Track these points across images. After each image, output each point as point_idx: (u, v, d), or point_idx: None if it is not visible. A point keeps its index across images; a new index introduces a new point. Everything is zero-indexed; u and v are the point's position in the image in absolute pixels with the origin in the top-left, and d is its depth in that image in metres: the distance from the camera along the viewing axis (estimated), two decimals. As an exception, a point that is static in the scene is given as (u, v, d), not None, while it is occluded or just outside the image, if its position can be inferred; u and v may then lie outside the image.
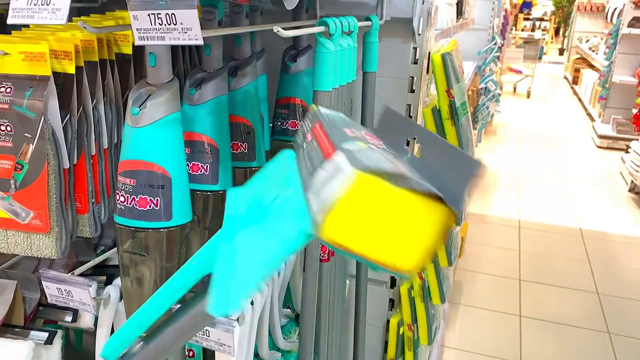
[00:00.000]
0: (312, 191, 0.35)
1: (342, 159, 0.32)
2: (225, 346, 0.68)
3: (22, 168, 0.68)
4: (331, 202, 0.31)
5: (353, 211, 0.31)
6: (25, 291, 0.85)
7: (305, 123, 0.49)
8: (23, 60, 0.67)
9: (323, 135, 0.40)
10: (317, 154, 0.38)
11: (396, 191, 0.31)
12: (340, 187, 0.30)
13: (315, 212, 0.32)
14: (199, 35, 0.56)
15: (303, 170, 0.40)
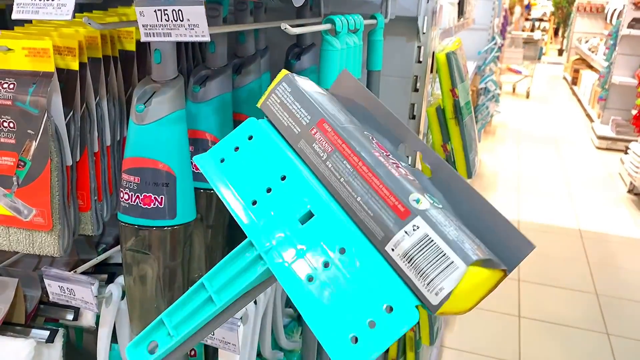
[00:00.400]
0: (403, 257, 0.41)
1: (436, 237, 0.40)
2: (230, 345, 0.67)
3: (24, 165, 0.67)
4: (449, 292, 0.39)
5: (462, 294, 0.40)
6: (26, 289, 0.85)
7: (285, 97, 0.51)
8: (26, 56, 0.66)
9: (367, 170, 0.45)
10: (376, 200, 0.43)
11: (488, 273, 0.41)
12: (456, 276, 0.39)
13: (425, 289, 0.40)
14: (205, 32, 0.56)
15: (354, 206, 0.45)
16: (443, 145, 1.19)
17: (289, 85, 0.53)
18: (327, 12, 1.00)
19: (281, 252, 0.45)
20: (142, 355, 0.46)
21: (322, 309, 0.41)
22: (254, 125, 0.53)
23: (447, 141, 1.18)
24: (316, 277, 0.42)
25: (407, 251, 0.41)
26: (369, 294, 0.41)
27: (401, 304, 0.40)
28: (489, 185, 4.13)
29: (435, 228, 0.41)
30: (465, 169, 1.22)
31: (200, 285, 0.47)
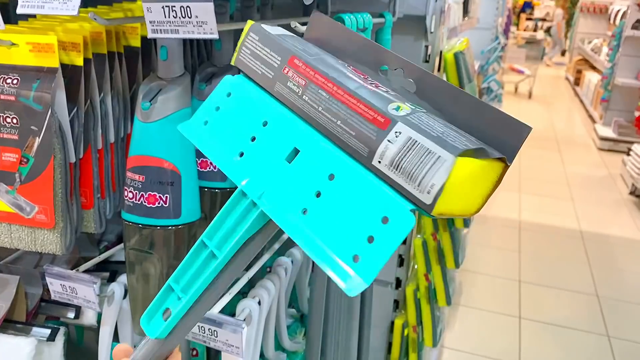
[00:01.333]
0: (390, 166, 0.40)
1: (419, 137, 0.39)
2: (233, 347, 0.66)
3: (27, 161, 0.66)
4: (440, 187, 0.37)
5: (458, 189, 0.38)
6: (27, 286, 0.84)
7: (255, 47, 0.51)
8: (30, 51, 0.65)
9: (342, 92, 0.44)
10: (356, 118, 0.42)
11: (483, 163, 0.39)
12: (445, 171, 0.37)
13: (416, 191, 0.38)
14: (214, 29, 0.55)
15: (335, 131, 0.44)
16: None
17: (257, 33, 0.52)
18: (335, 10, 0.99)
19: (272, 193, 0.45)
20: (158, 324, 0.46)
21: (320, 237, 0.41)
22: (231, 81, 0.52)
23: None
24: (310, 208, 0.42)
25: (392, 159, 0.40)
26: (362, 211, 0.40)
27: (395, 212, 0.38)
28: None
29: (418, 129, 0.39)
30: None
31: (201, 243, 0.47)
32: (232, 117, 0.50)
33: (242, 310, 0.73)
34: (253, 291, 0.77)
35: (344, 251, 0.39)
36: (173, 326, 0.46)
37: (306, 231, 0.42)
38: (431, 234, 1.32)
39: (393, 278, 1.28)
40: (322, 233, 0.41)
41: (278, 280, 0.81)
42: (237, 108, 0.50)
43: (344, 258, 0.39)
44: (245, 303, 0.74)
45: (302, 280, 0.96)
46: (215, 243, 0.46)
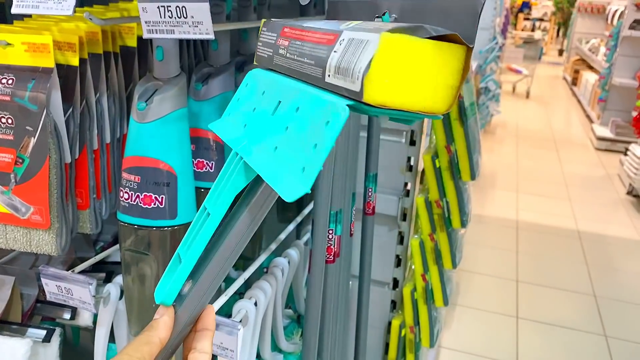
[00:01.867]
0: (334, 73, 0.39)
1: (357, 34, 0.37)
2: (228, 350, 0.66)
3: (22, 162, 0.66)
4: (367, 66, 0.34)
5: (388, 69, 0.35)
6: (23, 287, 0.83)
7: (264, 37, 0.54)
8: (26, 51, 0.65)
9: (310, 33, 0.45)
10: (315, 47, 0.43)
11: (420, 42, 0.35)
12: (371, 51, 0.34)
13: (350, 84, 0.36)
14: (210, 29, 0.55)
15: (303, 69, 0.45)
16: (447, 146, 1.18)
17: (266, 26, 0.55)
18: (332, 10, 0.98)
19: (254, 143, 0.46)
20: (163, 290, 0.46)
21: (283, 164, 0.41)
22: (250, 75, 0.55)
23: (450, 142, 1.17)
24: (279, 144, 0.43)
25: (336, 65, 0.39)
26: (313, 125, 0.39)
27: (333, 112, 0.38)
28: (488, 185, 4.12)
29: (359, 29, 0.38)
30: (469, 170, 1.21)
31: (202, 209, 0.48)
32: (245, 101, 0.53)
33: (238, 311, 0.73)
34: (249, 292, 0.77)
35: (296, 167, 0.39)
36: (177, 290, 0.46)
37: (273, 163, 0.42)
38: (428, 234, 1.32)
39: (390, 278, 1.28)
40: (286, 161, 0.41)
41: (274, 280, 0.81)
42: (249, 93, 0.53)
43: (295, 173, 0.39)
44: (242, 304, 0.73)
45: (298, 280, 0.96)
46: (211, 204, 0.47)
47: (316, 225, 0.83)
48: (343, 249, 0.92)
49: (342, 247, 0.91)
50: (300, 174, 0.38)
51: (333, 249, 0.88)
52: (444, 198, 1.34)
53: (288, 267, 0.87)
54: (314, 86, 0.44)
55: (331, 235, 0.87)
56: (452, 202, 1.36)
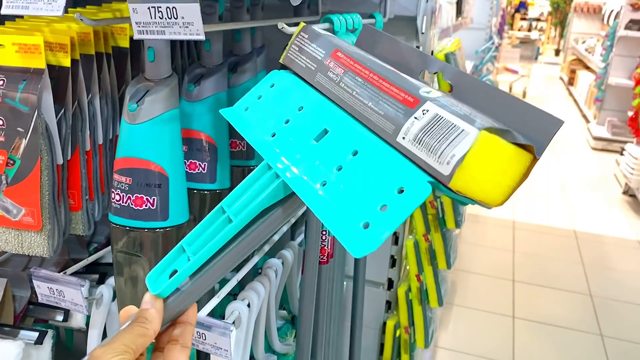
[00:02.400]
0: (413, 140, 0.40)
1: (446, 114, 0.39)
2: (222, 350, 0.66)
3: (14, 163, 0.66)
4: (460, 157, 0.37)
5: (479, 165, 0.37)
6: (15, 289, 0.83)
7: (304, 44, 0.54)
8: (17, 52, 0.64)
9: (380, 79, 0.46)
10: (388, 100, 0.44)
11: (509, 147, 0.38)
12: (467, 143, 0.37)
13: (436, 163, 0.38)
14: (200, 30, 0.54)
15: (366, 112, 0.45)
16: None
17: (306, 32, 0.55)
18: (325, 10, 0.98)
19: (296, 167, 0.46)
20: (162, 282, 0.46)
21: (335, 205, 0.42)
22: (277, 75, 0.56)
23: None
24: (329, 181, 0.43)
25: (416, 134, 0.40)
26: (379, 182, 0.41)
27: (412, 183, 0.39)
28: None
29: (446, 108, 0.40)
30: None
31: (219, 209, 0.48)
32: (271, 104, 0.53)
33: (231, 313, 0.73)
34: (243, 293, 0.77)
35: (355, 218, 0.40)
36: (176, 286, 0.46)
37: (322, 201, 0.43)
38: (423, 234, 1.32)
39: (385, 279, 1.28)
40: (337, 202, 0.42)
41: (268, 282, 0.81)
42: (277, 97, 0.53)
43: (354, 224, 0.40)
44: (235, 305, 0.73)
45: (292, 281, 0.96)
46: (233, 210, 0.47)
47: (310, 226, 0.83)
48: (337, 249, 0.92)
49: (335, 248, 0.91)
50: (360, 229, 0.39)
51: (327, 250, 0.88)
52: (438, 198, 1.34)
53: (282, 268, 0.87)
54: (376, 135, 0.44)
55: (325, 236, 0.87)
56: (446, 202, 1.36)
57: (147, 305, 0.45)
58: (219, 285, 0.92)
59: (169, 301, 0.46)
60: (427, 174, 0.39)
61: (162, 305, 0.45)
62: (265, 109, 0.53)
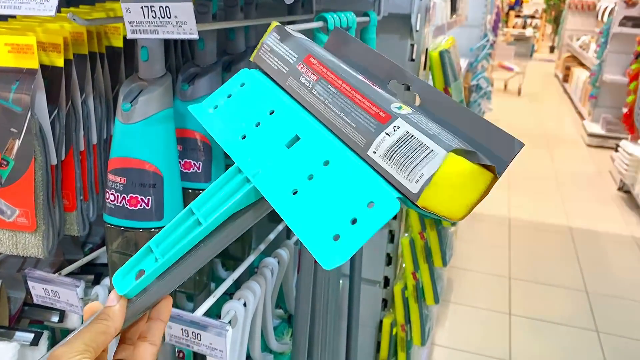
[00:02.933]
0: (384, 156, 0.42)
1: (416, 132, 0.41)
2: (217, 350, 0.66)
3: (7, 164, 0.66)
4: (428, 177, 0.39)
5: (446, 185, 0.39)
6: (10, 290, 0.83)
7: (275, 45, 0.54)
8: (9, 52, 0.64)
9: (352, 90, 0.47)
10: (360, 113, 0.45)
11: (474, 168, 0.40)
12: (436, 164, 0.39)
13: (404, 180, 0.40)
14: (194, 29, 0.54)
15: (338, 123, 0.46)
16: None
17: (279, 32, 0.55)
18: (319, 9, 0.98)
19: (267, 173, 0.47)
20: (129, 282, 0.45)
21: (306, 215, 0.43)
22: (246, 74, 0.55)
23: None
24: (300, 189, 0.44)
25: (387, 150, 0.42)
26: (350, 195, 0.42)
27: (381, 198, 0.40)
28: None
29: (416, 126, 0.42)
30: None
31: (188, 211, 0.48)
32: (241, 104, 0.53)
33: (227, 312, 0.72)
34: (238, 292, 0.77)
35: (326, 230, 0.41)
36: (144, 287, 0.46)
37: (293, 209, 0.43)
38: (419, 232, 1.32)
39: (381, 277, 1.28)
40: (308, 212, 0.43)
41: (264, 281, 0.81)
42: (247, 97, 0.53)
43: (324, 236, 0.41)
44: (231, 305, 0.73)
45: (288, 280, 0.96)
46: (203, 212, 0.47)
47: (305, 225, 0.83)
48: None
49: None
50: (330, 241, 0.41)
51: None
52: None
53: (278, 267, 0.87)
54: (347, 146, 0.45)
55: (320, 234, 0.87)
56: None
57: (111, 302, 0.44)
58: (214, 285, 0.92)
59: (135, 300, 0.46)
60: (395, 189, 0.41)
61: (125, 303, 0.45)
62: (235, 109, 0.53)
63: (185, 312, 0.66)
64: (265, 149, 0.48)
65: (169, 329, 0.67)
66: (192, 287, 0.81)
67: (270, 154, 0.47)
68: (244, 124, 0.51)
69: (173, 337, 0.68)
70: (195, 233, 0.46)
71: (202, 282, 0.82)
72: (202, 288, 0.83)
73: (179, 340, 0.67)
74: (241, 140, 0.50)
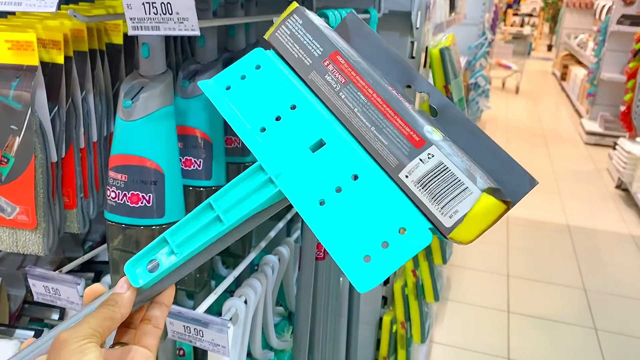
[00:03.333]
0: (417, 183, 0.43)
1: (451, 165, 0.42)
2: (220, 347, 0.66)
3: (7, 161, 0.65)
4: (463, 215, 0.41)
5: (477, 221, 0.41)
6: (10, 288, 0.83)
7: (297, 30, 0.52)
8: (9, 49, 0.64)
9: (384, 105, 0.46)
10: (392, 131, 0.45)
11: (501, 206, 0.42)
12: (470, 202, 0.41)
13: (439, 213, 0.42)
14: (195, 26, 0.54)
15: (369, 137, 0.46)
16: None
17: (301, 17, 0.53)
18: (320, 5, 0.98)
19: (291, 176, 0.46)
20: (142, 273, 0.45)
21: (335, 230, 0.43)
22: (262, 55, 0.53)
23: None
24: (328, 201, 0.44)
25: (421, 177, 0.43)
26: (382, 216, 0.42)
27: (414, 226, 0.41)
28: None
29: (450, 157, 0.43)
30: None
31: (207, 205, 0.47)
32: (258, 91, 0.51)
33: (228, 310, 0.72)
34: (239, 290, 0.77)
35: (357, 249, 0.41)
36: (159, 280, 0.46)
37: (322, 222, 0.43)
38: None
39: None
40: (337, 227, 0.43)
41: (265, 278, 0.81)
42: (265, 83, 0.51)
43: (355, 256, 0.41)
44: (232, 302, 0.73)
45: (289, 278, 0.95)
46: (223, 208, 0.46)
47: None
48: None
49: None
50: (362, 262, 0.41)
51: (323, 246, 0.88)
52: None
53: (278, 265, 0.87)
54: (376, 163, 0.45)
55: (321, 232, 0.87)
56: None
57: (120, 289, 0.44)
58: (214, 283, 0.92)
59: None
60: (425, 217, 0.42)
61: (135, 291, 0.45)
62: (251, 95, 0.51)
63: (186, 309, 0.66)
64: (288, 149, 0.47)
65: (170, 325, 0.67)
66: (192, 284, 0.81)
67: (294, 156, 0.47)
68: (263, 115, 0.49)
69: (176, 333, 0.68)
70: (216, 231, 0.45)
71: (202, 280, 0.82)
72: (203, 286, 0.82)
73: (182, 336, 0.67)
74: (260, 133, 0.49)
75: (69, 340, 0.38)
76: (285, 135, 0.48)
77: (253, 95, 0.51)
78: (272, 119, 0.49)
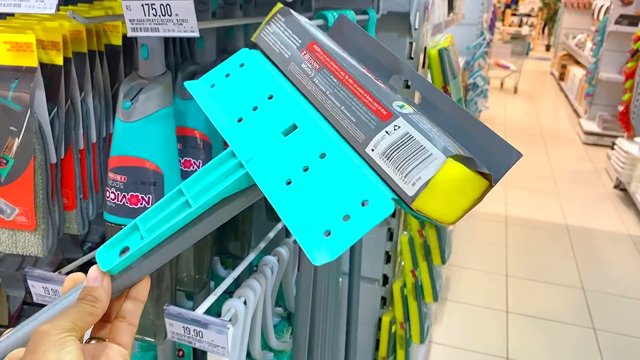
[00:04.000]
0: (382, 155, 0.41)
1: (416, 134, 0.41)
2: (219, 347, 0.66)
3: (7, 163, 0.65)
4: (425, 181, 0.38)
5: (442, 189, 0.39)
6: (9, 289, 0.83)
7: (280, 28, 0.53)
8: (8, 50, 0.64)
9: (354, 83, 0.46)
10: (360, 108, 0.44)
11: (470, 174, 0.40)
12: (433, 168, 0.38)
13: (402, 182, 0.40)
14: (195, 27, 0.54)
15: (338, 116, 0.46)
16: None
17: (283, 15, 0.54)
18: (319, 7, 0.98)
19: (261, 160, 0.46)
20: (113, 258, 0.45)
21: (299, 207, 0.42)
22: (246, 54, 0.54)
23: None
24: (294, 180, 0.43)
25: (386, 149, 0.41)
26: (344, 191, 0.41)
27: (375, 197, 0.40)
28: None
29: (416, 127, 0.41)
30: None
31: (178, 191, 0.47)
32: (240, 86, 0.52)
33: (227, 310, 0.72)
34: (239, 291, 0.77)
35: (317, 224, 0.41)
36: (128, 264, 0.45)
37: (286, 200, 0.43)
38: (417, 230, 1.32)
39: (380, 275, 1.28)
40: (300, 204, 0.42)
41: (264, 279, 0.81)
42: (246, 78, 0.52)
43: (315, 230, 0.40)
44: (231, 303, 0.73)
45: (288, 279, 0.96)
46: (193, 193, 0.46)
47: (305, 223, 0.83)
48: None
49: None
50: (322, 236, 0.40)
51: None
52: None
53: (277, 266, 0.87)
54: (345, 141, 0.44)
55: (320, 232, 0.87)
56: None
57: (96, 282, 0.44)
58: (213, 284, 0.92)
59: (115, 276, 0.46)
60: (390, 189, 0.40)
61: (110, 282, 0.45)
62: (232, 90, 0.52)
63: (186, 310, 0.66)
64: (261, 135, 0.47)
65: (170, 327, 0.67)
66: (192, 285, 0.81)
67: (266, 141, 0.47)
68: (241, 107, 0.50)
69: (175, 334, 0.68)
70: (183, 214, 0.45)
71: (201, 281, 0.82)
72: (202, 287, 0.82)
73: (181, 337, 0.67)
74: (237, 123, 0.49)
75: (49, 332, 0.39)
76: (260, 123, 0.48)
77: (234, 90, 0.52)
78: (249, 109, 0.50)
